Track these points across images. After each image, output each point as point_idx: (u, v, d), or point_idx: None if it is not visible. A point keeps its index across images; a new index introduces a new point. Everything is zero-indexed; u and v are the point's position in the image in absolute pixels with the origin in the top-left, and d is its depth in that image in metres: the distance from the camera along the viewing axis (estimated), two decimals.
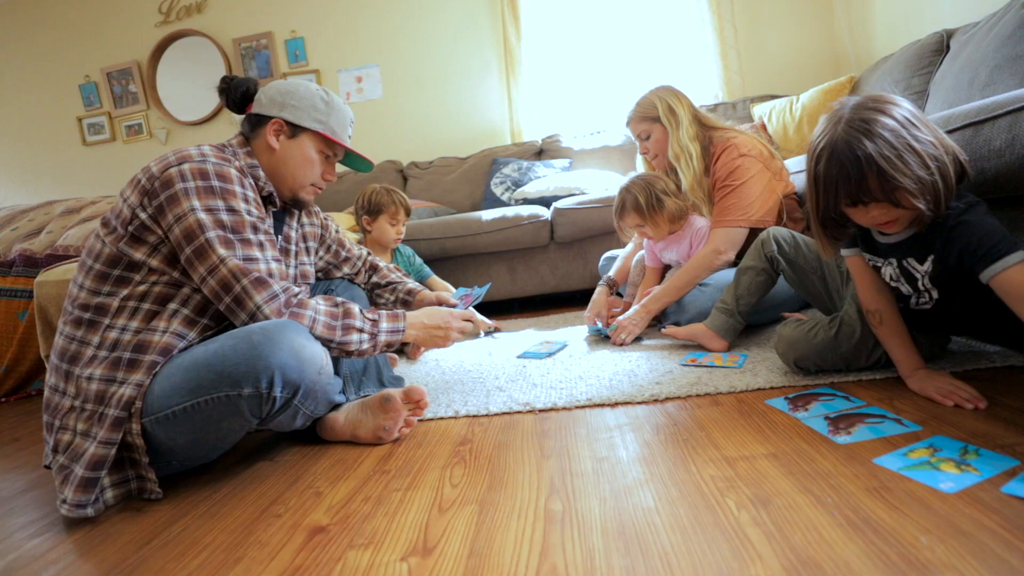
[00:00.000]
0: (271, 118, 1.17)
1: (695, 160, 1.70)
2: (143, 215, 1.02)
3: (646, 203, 1.73)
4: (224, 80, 1.22)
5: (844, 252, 1.09)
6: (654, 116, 1.76)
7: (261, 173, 1.16)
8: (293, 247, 1.29)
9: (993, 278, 0.86)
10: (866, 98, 0.90)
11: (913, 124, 0.85)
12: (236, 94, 1.20)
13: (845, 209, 0.93)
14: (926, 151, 0.84)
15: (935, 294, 0.99)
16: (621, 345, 1.68)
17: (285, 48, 3.66)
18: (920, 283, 0.99)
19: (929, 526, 0.63)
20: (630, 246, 2.08)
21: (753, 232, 1.67)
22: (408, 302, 1.53)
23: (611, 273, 2.06)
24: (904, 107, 0.88)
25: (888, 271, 1.02)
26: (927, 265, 0.96)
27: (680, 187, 1.78)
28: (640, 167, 1.98)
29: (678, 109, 1.73)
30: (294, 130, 1.18)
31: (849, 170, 0.86)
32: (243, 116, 1.22)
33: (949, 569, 0.56)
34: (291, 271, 1.27)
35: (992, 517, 0.63)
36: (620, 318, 1.72)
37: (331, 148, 1.24)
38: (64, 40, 3.90)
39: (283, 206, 1.27)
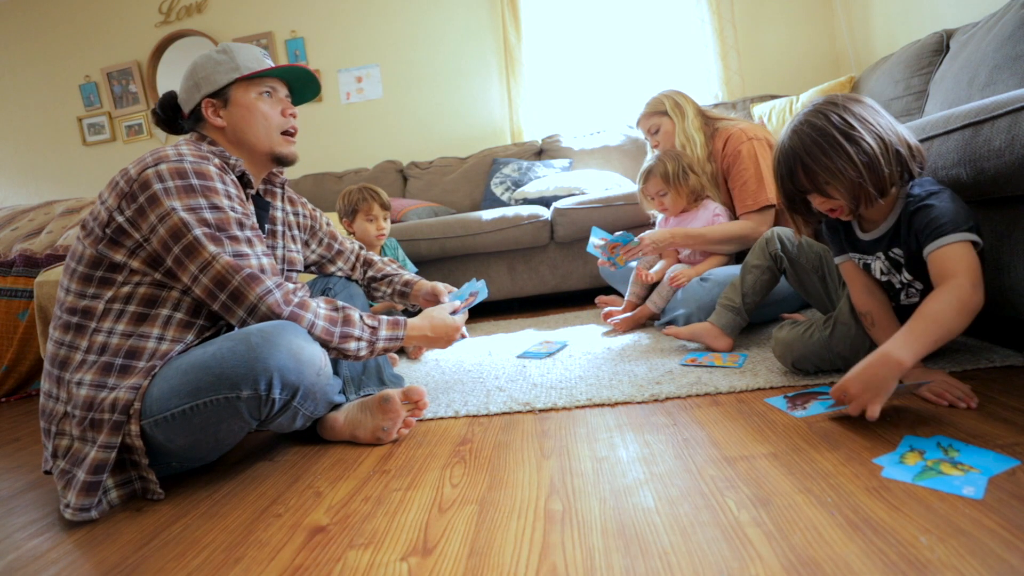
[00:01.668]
0: (199, 104, 1.14)
1: (699, 147, 1.85)
2: (120, 218, 1.00)
3: (673, 172, 1.82)
4: (152, 113, 1.20)
5: (837, 259, 1.15)
6: (662, 111, 1.90)
7: (230, 156, 1.12)
8: (280, 228, 1.26)
9: (930, 254, 0.93)
10: (820, 102, 0.98)
11: (850, 124, 0.93)
12: (167, 111, 1.18)
13: (806, 197, 1.03)
14: (854, 148, 0.91)
15: (919, 285, 1.03)
16: (626, 261, 1.81)
17: (285, 48, 3.65)
18: (906, 272, 1.03)
19: (929, 526, 0.63)
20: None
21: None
22: (405, 293, 1.52)
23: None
24: (850, 109, 0.95)
25: (878, 265, 1.07)
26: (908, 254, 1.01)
27: None
28: None
29: (684, 104, 1.89)
30: (222, 97, 1.14)
31: (783, 166, 1.00)
32: (190, 127, 1.19)
33: (949, 569, 0.56)
34: (279, 251, 1.24)
35: (992, 517, 0.63)
36: (645, 233, 1.78)
37: (263, 84, 1.16)
38: (64, 40, 3.90)
39: (265, 187, 1.25)
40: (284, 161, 1.20)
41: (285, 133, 1.18)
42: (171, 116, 1.20)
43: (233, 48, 1.15)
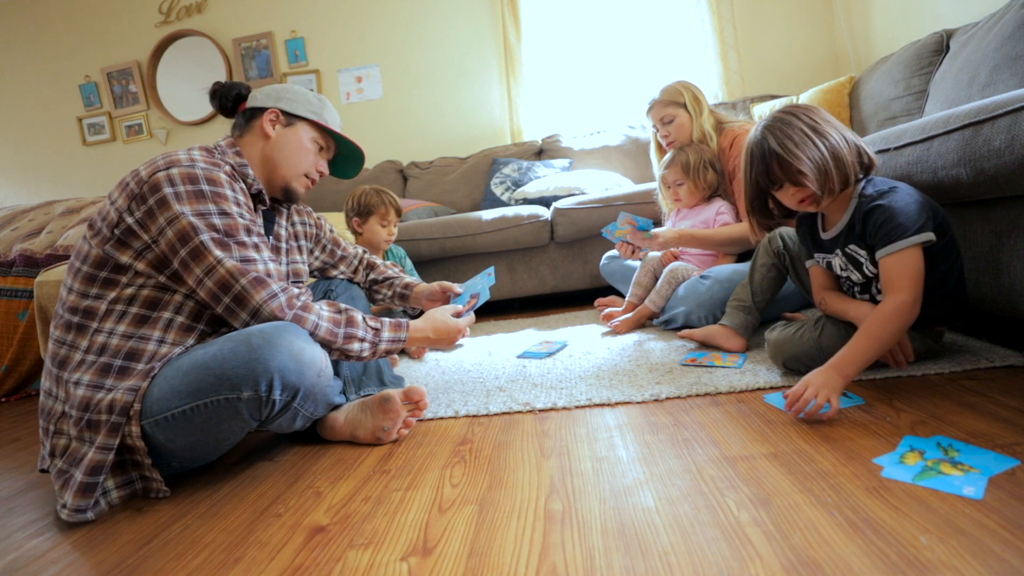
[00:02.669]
0: (266, 109, 1.20)
1: (713, 144, 1.86)
2: (130, 219, 1.00)
3: (694, 164, 1.84)
4: (216, 83, 1.24)
5: (808, 263, 1.24)
6: (680, 102, 1.88)
7: (250, 171, 1.16)
8: (284, 244, 1.28)
9: (880, 260, 1.00)
10: (781, 108, 1.08)
11: (815, 121, 1.03)
12: (230, 94, 1.23)
13: (775, 194, 1.10)
14: (821, 142, 1.01)
15: None
16: (633, 253, 1.85)
17: (285, 48, 3.66)
18: (865, 267, 1.09)
19: (929, 526, 0.63)
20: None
21: None
22: (406, 295, 1.53)
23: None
24: (811, 111, 1.05)
25: (837, 262, 1.15)
26: (866, 251, 1.07)
27: None
28: (653, 156, 2.06)
29: (702, 100, 1.89)
30: (289, 119, 1.21)
31: (758, 160, 1.08)
32: (235, 118, 1.24)
33: (949, 569, 0.56)
34: (283, 268, 1.26)
35: (992, 517, 0.63)
36: (657, 229, 1.78)
37: (324, 140, 1.26)
38: (64, 40, 3.90)
39: (272, 205, 1.26)
40: (291, 197, 1.25)
41: (307, 177, 1.25)
42: (232, 99, 1.23)
43: (327, 102, 1.27)
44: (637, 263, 2.00)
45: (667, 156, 1.92)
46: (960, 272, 1.08)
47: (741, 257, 1.84)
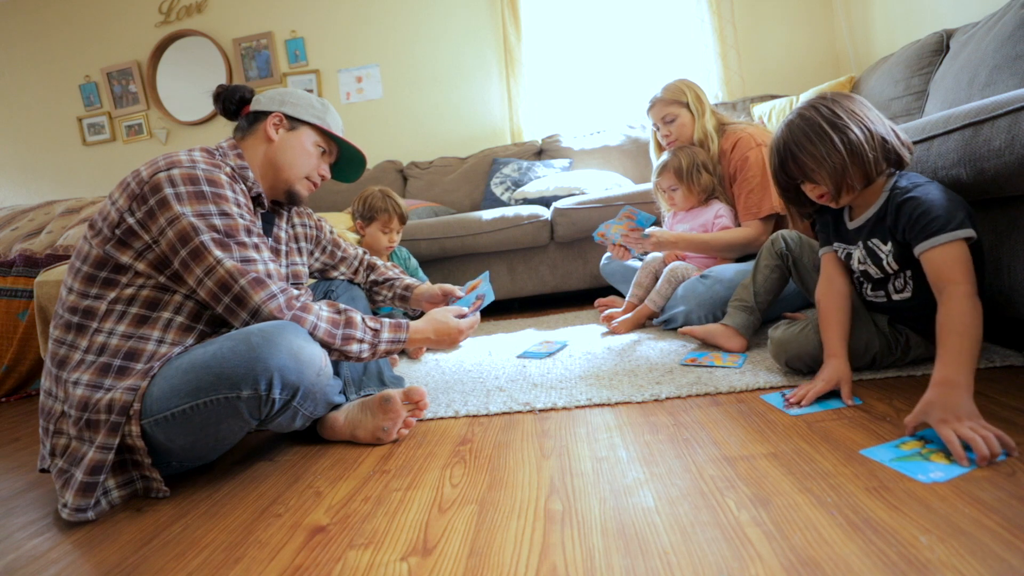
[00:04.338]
0: (270, 113, 1.20)
1: (715, 146, 1.85)
2: (131, 219, 1.01)
3: (687, 168, 1.83)
4: (220, 87, 1.25)
5: (821, 251, 1.21)
6: (683, 102, 1.87)
7: (250, 174, 1.16)
8: (283, 247, 1.29)
9: (923, 254, 0.95)
10: (812, 98, 1.05)
11: (836, 115, 0.99)
12: (233, 97, 1.23)
13: (802, 188, 1.09)
14: (841, 137, 0.98)
15: (909, 276, 1.06)
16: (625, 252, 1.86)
17: (285, 48, 3.66)
18: (885, 262, 1.06)
19: (929, 526, 0.63)
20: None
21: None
22: (406, 297, 1.53)
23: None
24: (839, 102, 1.01)
25: (857, 254, 1.11)
26: (890, 245, 1.04)
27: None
28: (653, 155, 2.04)
29: (704, 100, 1.88)
30: (293, 123, 1.22)
31: (775, 158, 1.08)
32: (237, 121, 1.25)
33: (949, 569, 0.56)
34: (283, 270, 1.26)
35: (992, 517, 0.63)
36: (654, 229, 1.79)
37: (327, 144, 1.27)
38: (64, 40, 3.90)
39: (272, 208, 1.27)
40: (295, 199, 1.26)
41: (310, 180, 1.26)
42: (236, 102, 1.24)
43: (329, 107, 1.29)
44: (637, 264, 2.00)
45: (659, 161, 1.91)
46: (983, 277, 1.04)
47: (740, 258, 1.84)
